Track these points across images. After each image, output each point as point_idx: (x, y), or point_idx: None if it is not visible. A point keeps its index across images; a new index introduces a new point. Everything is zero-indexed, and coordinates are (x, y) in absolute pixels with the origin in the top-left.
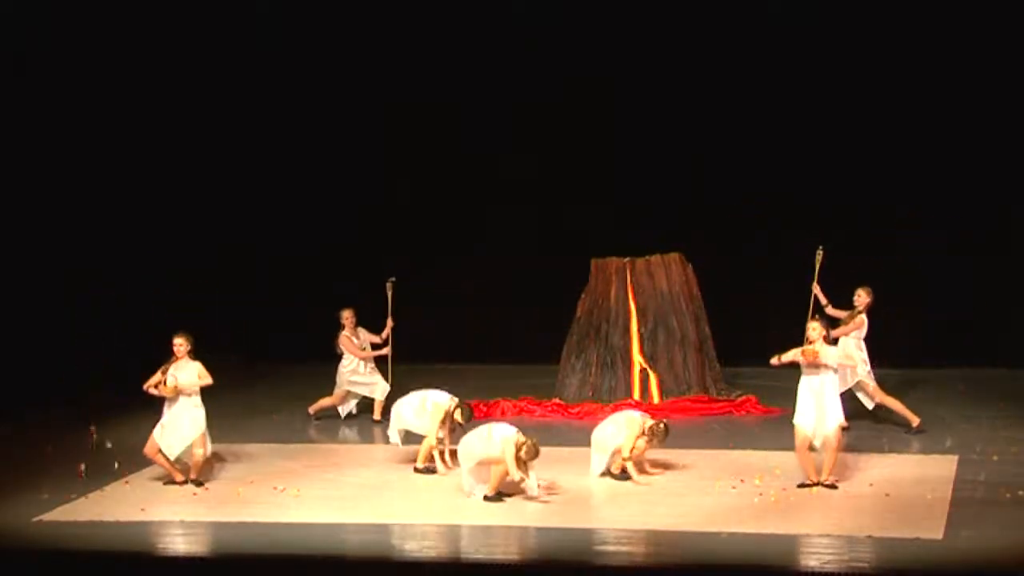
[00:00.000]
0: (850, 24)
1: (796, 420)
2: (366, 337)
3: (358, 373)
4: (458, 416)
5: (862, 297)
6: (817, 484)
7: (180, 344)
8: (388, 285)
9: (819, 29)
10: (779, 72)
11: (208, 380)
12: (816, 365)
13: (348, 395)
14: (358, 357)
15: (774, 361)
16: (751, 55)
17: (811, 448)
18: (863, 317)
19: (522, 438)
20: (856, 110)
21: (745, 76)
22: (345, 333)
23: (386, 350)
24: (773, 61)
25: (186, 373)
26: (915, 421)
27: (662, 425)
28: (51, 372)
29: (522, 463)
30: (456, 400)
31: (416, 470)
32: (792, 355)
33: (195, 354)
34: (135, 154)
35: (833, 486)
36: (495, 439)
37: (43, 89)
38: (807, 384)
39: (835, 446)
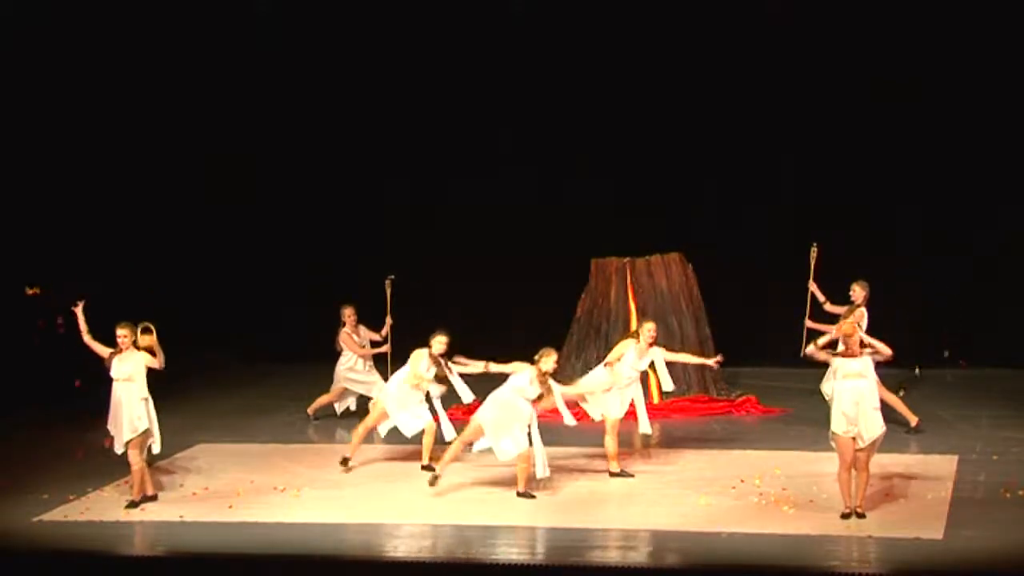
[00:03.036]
0: (850, 24)
1: (835, 428)
2: (366, 335)
3: (355, 371)
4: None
5: (857, 292)
6: (852, 513)
7: (124, 336)
8: (387, 283)
9: (819, 29)
10: (780, 72)
11: (159, 361)
12: (851, 350)
13: (345, 392)
14: (358, 355)
15: (810, 351)
16: (751, 55)
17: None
18: (863, 310)
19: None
20: (857, 110)
21: (746, 76)
22: (346, 330)
23: (385, 348)
24: (773, 60)
25: (131, 364)
26: (914, 420)
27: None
28: (49, 372)
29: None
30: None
31: (424, 467)
32: (828, 338)
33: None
34: (133, 152)
35: (863, 515)
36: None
37: (33, 89)
38: (846, 392)
39: (868, 464)
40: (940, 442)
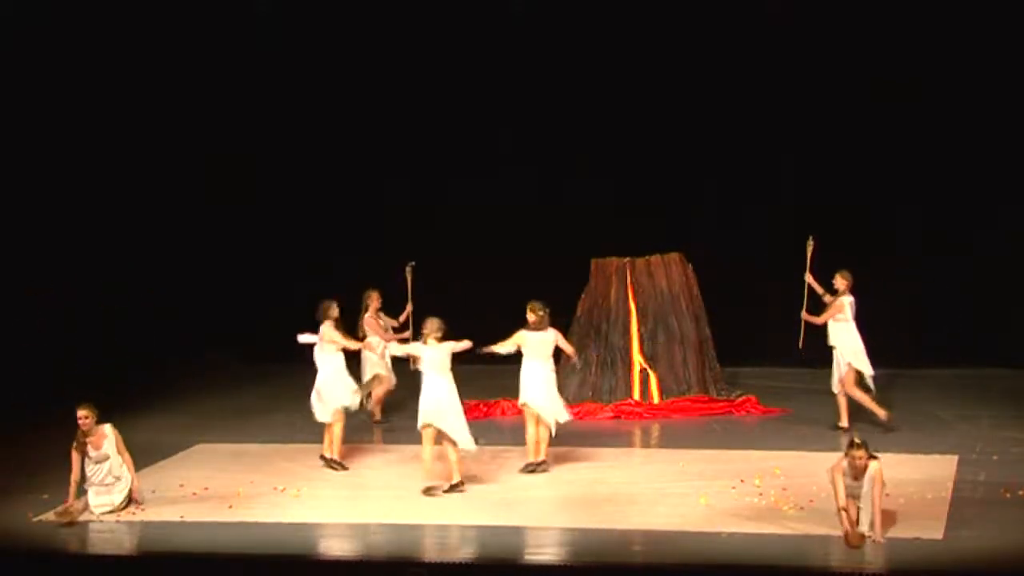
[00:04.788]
0: (850, 24)
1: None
2: (387, 321)
3: (372, 361)
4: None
5: (839, 281)
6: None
7: (85, 416)
8: (408, 269)
9: (819, 29)
10: (780, 72)
11: (127, 463)
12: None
13: (378, 377)
14: (383, 339)
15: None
16: (751, 55)
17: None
18: (840, 301)
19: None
20: (857, 110)
21: (746, 76)
22: (370, 315)
23: (406, 334)
24: (773, 60)
25: (105, 444)
26: (883, 415)
27: None
28: (51, 371)
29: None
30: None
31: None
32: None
33: (108, 418)
34: (133, 152)
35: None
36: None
37: (33, 88)
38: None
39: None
40: (940, 442)
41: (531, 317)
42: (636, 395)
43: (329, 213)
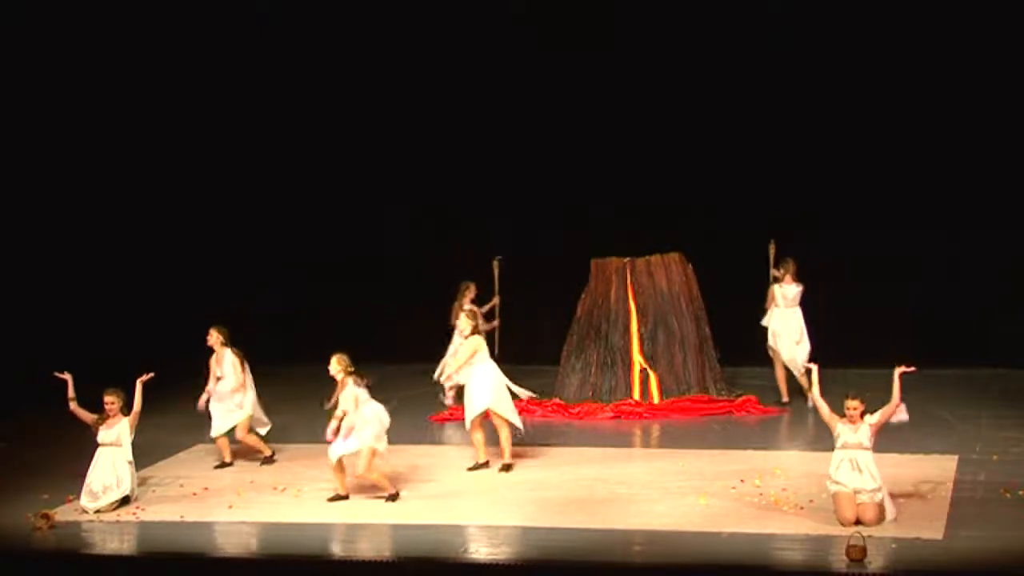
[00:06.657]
0: (850, 27)
1: (834, 486)
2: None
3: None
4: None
5: (781, 271)
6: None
7: (111, 403)
8: (495, 264)
9: (819, 32)
10: (780, 74)
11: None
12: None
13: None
14: (484, 329)
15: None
16: (751, 56)
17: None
18: (771, 290)
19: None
20: (856, 111)
21: (747, 77)
22: (468, 306)
23: (494, 323)
24: (774, 61)
25: (117, 429)
26: (783, 398)
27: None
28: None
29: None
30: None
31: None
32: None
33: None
34: (132, 153)
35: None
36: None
37: (30, 89)
38: (845, 461)
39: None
40: (940, 442)
41: (474, 322)
42: (636, 395)
43: (329, 214)
